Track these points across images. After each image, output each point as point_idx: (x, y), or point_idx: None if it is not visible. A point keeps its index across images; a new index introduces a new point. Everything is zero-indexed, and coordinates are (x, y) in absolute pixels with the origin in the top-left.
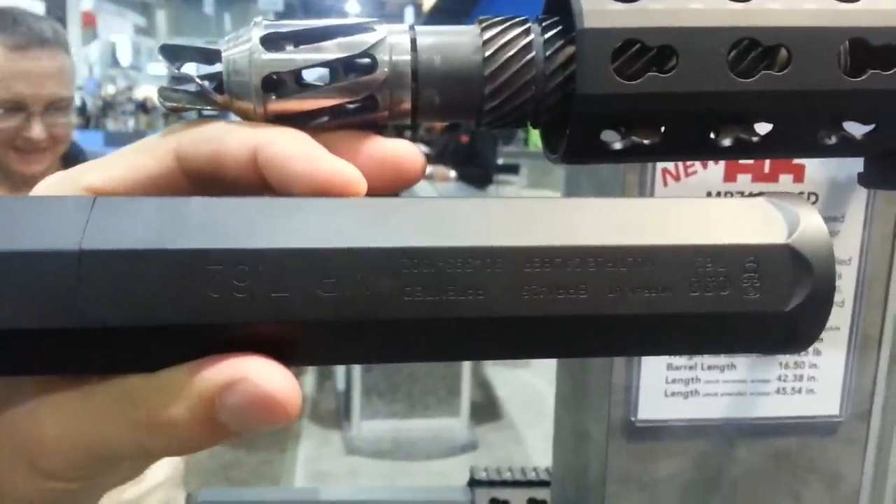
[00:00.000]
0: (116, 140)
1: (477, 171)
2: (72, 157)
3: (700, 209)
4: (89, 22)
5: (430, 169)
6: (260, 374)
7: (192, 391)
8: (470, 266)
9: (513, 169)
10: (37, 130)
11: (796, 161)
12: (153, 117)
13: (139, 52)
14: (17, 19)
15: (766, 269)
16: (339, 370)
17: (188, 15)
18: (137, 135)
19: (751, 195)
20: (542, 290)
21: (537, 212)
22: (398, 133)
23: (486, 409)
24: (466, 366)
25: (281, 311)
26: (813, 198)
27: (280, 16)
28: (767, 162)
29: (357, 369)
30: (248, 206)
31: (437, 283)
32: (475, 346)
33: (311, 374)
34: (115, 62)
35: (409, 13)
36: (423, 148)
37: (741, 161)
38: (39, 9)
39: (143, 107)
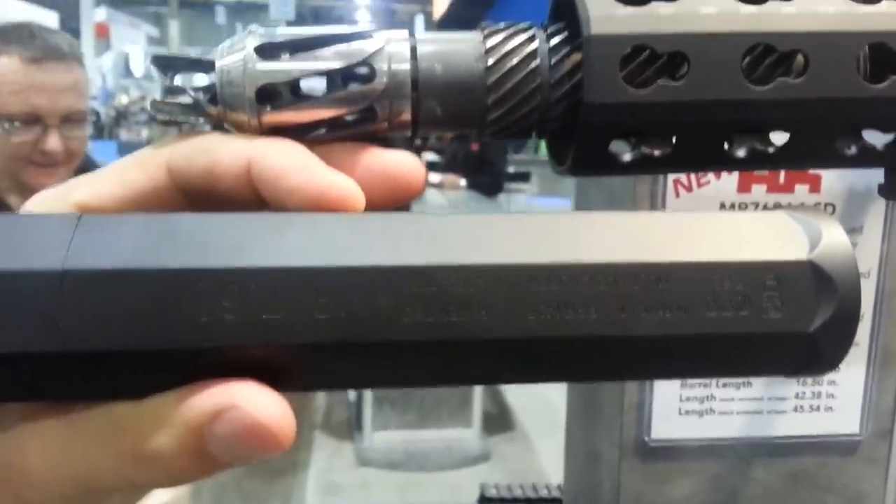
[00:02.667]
0: (130, 150)
1: (487, 179)
2: (85, 171)
3: (716, 224)
4: (102, 33)
5: (440, 177)
6: (251, 401)
7: (179, 420)
8: (473, 285)
9: (523, 177)
10: (53, 143)
11: (813, 171)
12: (166, 127)
13: None
14: (34, 33)
15: (787, 286)
16: None
17: (200, 25)
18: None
19: (766, 207)
20: (549, 309)
21: (544, 227)
22: (409, 140)
23: (499, 419)
24: None
25: (273, 333)
26: (830, 209)
27: (291, 25)
28: (783, 172)
29: None
30: (239, 222)
31: (438, 303)
32: (479, 369)
33: None
34: (128, 72)
35: (420, 21)
36: (434, 156)
37: (755, 171)
38: (53, 20)
39: (155, 117)
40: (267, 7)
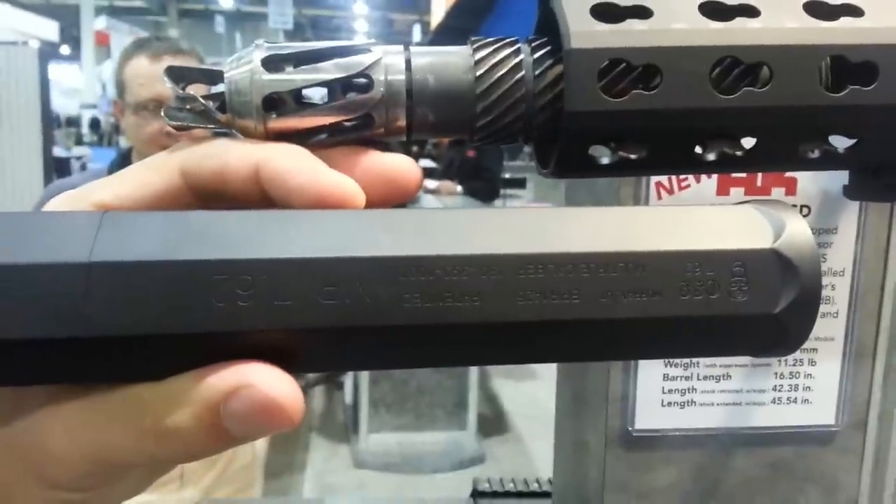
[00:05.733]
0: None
1: (483, 185)
2: None
3: (688, 216)
4: (103, 41)
5: (436, 183)
6: (264, 380)
7: (197, 398)
8: (466, 273)
9: (519, 183)
10: None
11: (788, 174)
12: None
13: None
14: (159, 38)
15: (753, 272)
16: (347, 383)
17: (199, 33)
18: None
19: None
20: (536, 295)
21: (531, 220)
22: (405, 148)
23: (494, 421)
24: (474, 378)
25: (283, 318)
26: (805, 210)
27: (289, 34)
28: (760, 175)
29: (364, 382)
30: (250, 218)
31: (434, 291)
32: (472, 351)
33: (319, 387)
34: None
35: (417, 31)
36: (430, 163)
37: (734, 175)
38: (54, 29)
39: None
40: (265, 16)
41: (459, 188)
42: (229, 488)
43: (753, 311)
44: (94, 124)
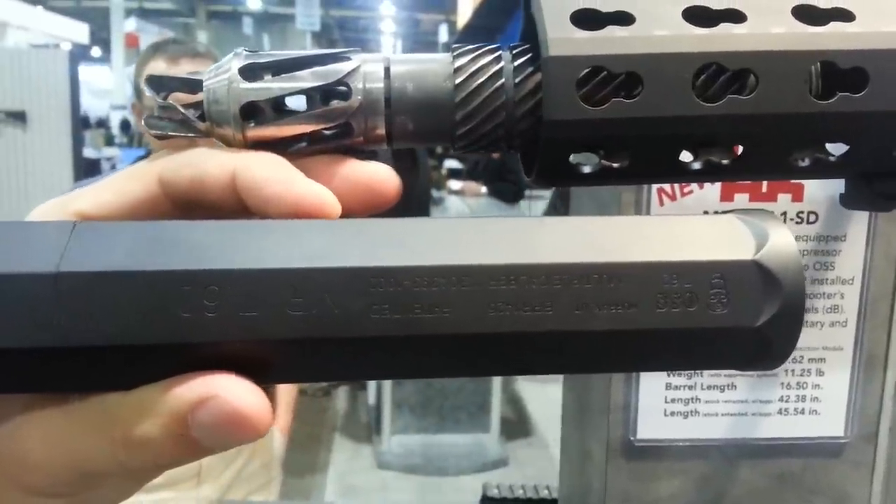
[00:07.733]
0: None
1: (508, 186)
2: None
3: (667, 226)
4: (132, 43)
5: (460, 184)
6: (230, 391)
7: (165, 408)
8: (436, 284)
9: None
10: None
11: (794, 181)
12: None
13: None
14: (176, 41)
15: (733, 285)
16: (371, 384)
17: (228, 35)
18: None
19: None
20: (507, 307)
21: (503, 230)
22: (429, 150)
23: (517, 424)
24: (497, 381)
25: (250, 329)
26: (813, 217)
27: (316, 35)
28: (765, 181)
29: (388, 383)
30: (221, 228)
31: (403, 302)
32: (443, 363)
33: (343, 388)
34: None
35: (444, 30)
36: (456, 164)
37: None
38: (84, 31)
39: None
40: (293, 18)
41: (484, 189)
42: (247, 487)
43: (733, 324)
44: (125, 125)
